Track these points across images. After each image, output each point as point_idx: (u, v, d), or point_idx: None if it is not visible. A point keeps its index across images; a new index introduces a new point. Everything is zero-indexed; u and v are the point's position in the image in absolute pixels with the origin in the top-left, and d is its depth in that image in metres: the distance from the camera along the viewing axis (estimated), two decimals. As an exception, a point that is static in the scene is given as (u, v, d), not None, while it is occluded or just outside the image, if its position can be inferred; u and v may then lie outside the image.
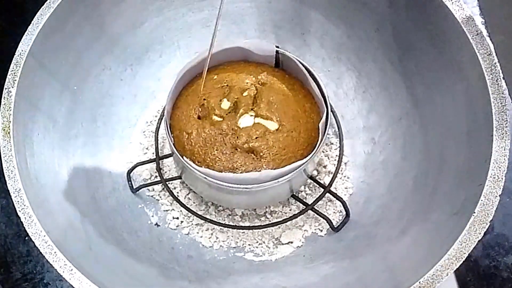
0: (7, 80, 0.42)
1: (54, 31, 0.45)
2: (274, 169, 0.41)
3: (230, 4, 0.55)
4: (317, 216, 0.49)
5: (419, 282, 0.36)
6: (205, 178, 0.41)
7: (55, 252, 0.37)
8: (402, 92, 0.50)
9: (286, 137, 0.43)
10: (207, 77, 0.46)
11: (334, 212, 0.51)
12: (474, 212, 0.37)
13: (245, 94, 0.45)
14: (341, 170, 0.53)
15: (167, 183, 0.51)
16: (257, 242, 0.50)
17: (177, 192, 0.53)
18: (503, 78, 0.42)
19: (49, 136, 0.46)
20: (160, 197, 0.53)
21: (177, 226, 0.51)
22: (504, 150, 0.38)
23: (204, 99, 0.45)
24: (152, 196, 0.53)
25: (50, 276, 0.51)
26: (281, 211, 0.52)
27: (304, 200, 0.51)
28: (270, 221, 0.51)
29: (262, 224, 0.50)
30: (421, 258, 0.39)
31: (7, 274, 0.51)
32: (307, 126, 0.44)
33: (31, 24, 0.44)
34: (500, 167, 0.38)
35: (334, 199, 0.50)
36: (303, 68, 0.45)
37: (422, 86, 0.48)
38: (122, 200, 0.51)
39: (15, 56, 0.43)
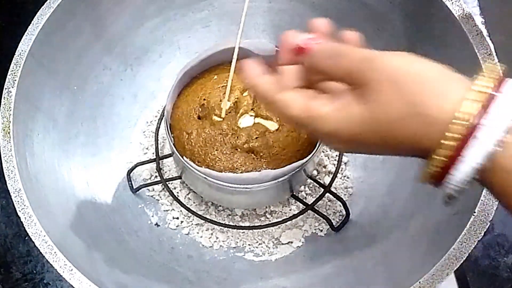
0: (7, 80, 0.42)
1: (54, 31, 0.45)
2: (274, 169, 0.41)
3: (230, 4, 0.55)
4: (317, 216, 0.49)
5: (419, 282, 0.36)
6: (205, 178, 0.41)
7: (55, 252, 0.37)
8: (402, 92, 0.50)
9: (286, 137, 0.43)
10: (207, 77, 0.46)
11: (334, 212, 0.51)
12: (474, 212, 0.37)
13: (245, 94, 0.45)
14: (341, 170, 0.53)
15: (167, 183, 0.51)
16: (257, 242, 0.50)
17: (177, 192, 0.53)
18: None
19: (49, 136, 0.46)
20: (160, 197, 0.53)
21: (177, 226, 0.51)
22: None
23: (204, 99, 0.45)
24: (152, 196, 0.53)
25: (50, 276, 0.51)
26: (281, 211, 0.52)
27: (304, 200, 0.51)
28: (270, 221, 0.51)
29: (262, 224, 0.50)
30: (421, 258, 0.39)
31: (7, 274, 0.51)
32: (307, 126, 0.44)
33: (31, 24, 0.44)
34: (500, 167, 0.38)
35: (334, 199, 0.50)
36: (303, 68, 0.45)
37: (422, 86, 0.48)
38: (122, 200, 0.51)
39: (15, 56, 0.43)
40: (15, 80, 0.42)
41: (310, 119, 0.27)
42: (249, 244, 0.50)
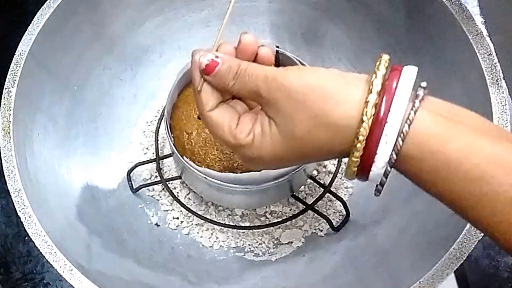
0: (7, 80, 0.42)
1: (54, 31, 0.45)
2: (274, 169, 0.41)
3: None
4: (317, 216, 0.49)
5: (419, 282, 0.36)
6: (205, 178, 0.41)
7: (55, 252, 0.37)
8: (402, 92, 0.50)
9: (286, 137, 0.43)
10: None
11: (334, 212, 0.51)
12: (474, 212, 0.37)
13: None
14: (341, 170, 0.53)
15: (167, 183, 0.51)
16: (257, 242, 0.50)
17: (177, 192, 0.53)
18: (503, 78, 0.42)
19: (49, 136, 0.46)
20: (160, 197, 0.53)
21: (177, 226, 0.51)
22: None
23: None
24: (152, 196, 0.53)
25: (50, 276, 0.51)
26: (281, 211, 0.52)
27: (304, 200, 0.51)
28: (270, 221, 0.51)
29: (262, 224, 0.50)
30: (421, 258, 0.39)
31: (7, 274, 0.51)
32: (307, 126, 0.44)
33: (31, 24, 0.44)
34: (500, 167, 0.38)
35: (334, 199, 0.50)
36: (303, 68, 0.45)
37: (422, 86, 0.48)
38: (122, 200, 0.51)
39: (15, 56, 0.43)
40: (15, 80, 0.42)
41: (236, 146, 0.28)
42: (249, 244, 0.50)
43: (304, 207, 0.49)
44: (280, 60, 0.48)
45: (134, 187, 0.51)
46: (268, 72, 0.26)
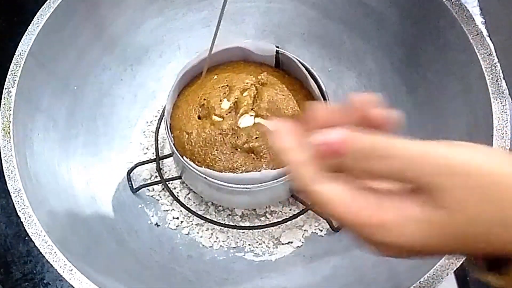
0: (7, 80, 0.42)
1: (54, 31, 0.45)
2: (274, 169, 0.41)
3: (230, 4, 0.55)
4: (317, 216, 0.49)
5: (419, 282, 0.36)
6: (205, 178, 0.41)
7: (55, 252, 0.37)
8: (402, 92, 0.50)
9: (286, 137, 0.43)
10: (207, 77, 0.46)
11: (334, 212, 0.51)
12: (474, 212, 0.37)
13: (245, 94, 0.45)
14: (341, 170, 0.53)
15: (167, 183, 0.51)
16: (257, 242, 0.50)
17: (177, 192, 0.53)
18: (503, 78, 0.42)
19: (49, 136, 0.46)
20: (160, 197, 0.53)
21: (177, 226, 0.51)
22: (504, 150, 0.38)
23: (204, 99, 0.45)
24: (152, 196, 0.53)
25: (50, 276, 0.51)
26: (281, 211, 0.52)
27: (304, 200, 0.51)
28: (270, 221, 0.51)
29: (262, 224, 0.50)
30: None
31: (7, 274, 0.51)
32: (307, 126, 0.44)
33: (31, 24, 0.44)
34: (500, 167, 0.38)
35: (334, 199, 0.50)
36: (303, 68, 0.45)
37: (422, 86, 0.48)
38: (122, 200, 0.51)
39: (15, 56, 0.43)
40: (15, 80, 0.42)
41: (364, 227, 0.22)
42: (249, 244, 0.50)
43: (304, 207, 0.49)
44: (280, 60, 0.48)
45: (134, 187, 0.51)
46: (414, 151, 0.21)
